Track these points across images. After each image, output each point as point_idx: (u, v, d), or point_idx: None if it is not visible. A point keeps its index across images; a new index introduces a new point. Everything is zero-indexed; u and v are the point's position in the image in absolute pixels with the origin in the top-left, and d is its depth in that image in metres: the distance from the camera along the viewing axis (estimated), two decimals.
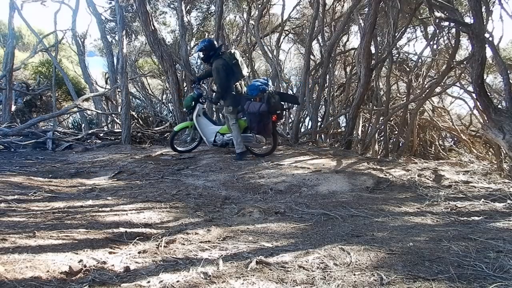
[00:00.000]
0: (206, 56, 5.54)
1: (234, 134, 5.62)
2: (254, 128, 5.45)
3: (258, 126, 5.40)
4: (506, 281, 1.74)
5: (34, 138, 7.02)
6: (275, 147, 5.92)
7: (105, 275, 1.92)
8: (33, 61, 13.25)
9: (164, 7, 13.43)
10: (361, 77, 6.83)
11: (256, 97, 5.35)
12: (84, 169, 5.09)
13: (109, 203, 3.44)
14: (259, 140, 5.72)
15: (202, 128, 5.95)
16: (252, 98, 5.37)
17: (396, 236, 2.50)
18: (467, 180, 4.40)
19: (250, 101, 5.37)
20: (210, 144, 5.99)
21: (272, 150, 5.88)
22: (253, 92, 5.38)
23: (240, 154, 5.58)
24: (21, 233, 2.44)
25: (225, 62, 5.38)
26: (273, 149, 5.89)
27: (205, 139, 5.97)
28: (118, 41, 8.53)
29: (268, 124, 5.44)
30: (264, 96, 5.34)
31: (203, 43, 5.56)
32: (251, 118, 5.37)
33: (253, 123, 5.39)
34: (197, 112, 5.93)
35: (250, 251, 2.24)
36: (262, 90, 5.36)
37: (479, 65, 4.50)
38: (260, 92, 5.35)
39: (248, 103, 5.36)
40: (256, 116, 5.32)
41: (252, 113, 5.32)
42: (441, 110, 10.98)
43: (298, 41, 14.08)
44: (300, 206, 3.48)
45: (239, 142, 5.58)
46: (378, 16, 6.64)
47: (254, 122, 5.37)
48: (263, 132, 5.54)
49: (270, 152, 5.86)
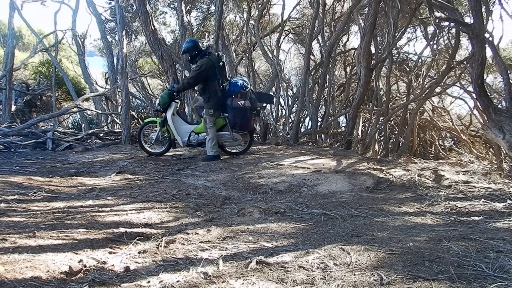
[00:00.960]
0: (191, 57, 5.51)
1: (209, 137, 5.52)
2: (237, 123, 5.45)
3: (241, 121, 5.43)
4: (506, 281, 1.74)
5: (34, 138, 7.02)
6: (250, 145, 5.93)
7: (105, 275, 1.92)
8: (33, 61, 13.24)
9: (164, 7, 13.45)
10: (361, 77, 6.83)
11: (238, 94, 5.39)
12: (84, 169, 5.09)
13: (109, 203, 3.44)
14: (236, 137, 5.71)
15: (177, 127, 5.76)
16: (234, 95, 5.40)
17: (396, 236, 2.50)
18: (467, 180, 4.40)
19: (232, 97, 5.40)
20: (184, 144, 5.84)
21: (246, 148, 5.89)
22: (235, 89, 5.42)
23: (211, 157, 5.50)
24: (21, 233, 2.44)
25: (211, 62, 5.33)
26: (248, 147, 5.90)
27: (179, 138, 5.79)
28: (118, 41, 8.53)
29: (250, 119, 5.51)
30: (246, 93, 5.42)
31: (185, 45, 5.53)
32: (234, 114, 5.37)
33: (236, 118, 5.40)
34: (172, 110, 5.74)
35: (250, 251, 2.24)
36: (244, 87, 5.44)
37: (479, 65, 4.50)
38: (242, 89, 5.42)
39: (230, 99, 5.39)
40: (241, 111, 5.35)
41: (236, 108, 5.33)
42: (441, 110, 10.97)
43: (298, 41, 14.08)
44: (300, 206, 3.48)
45: (213, 146, 5.51)
46: (378, 16, 6.64)
47: (238, 117, 5.38)
48: (246, 127, 5.59)
49: (245, 150, 5.87)
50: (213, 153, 5.51)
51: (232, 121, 5.46)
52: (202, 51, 5.44)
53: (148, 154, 5.98)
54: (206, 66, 5.30)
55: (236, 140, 5.74)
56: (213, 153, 5.51)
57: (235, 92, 5.40)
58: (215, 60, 5.38)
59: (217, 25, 8.02)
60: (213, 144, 5.51)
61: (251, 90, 5.58)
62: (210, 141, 5.52)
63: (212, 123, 5.51)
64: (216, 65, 5.36)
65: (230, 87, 5.49)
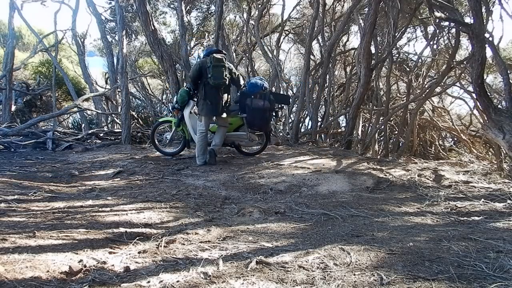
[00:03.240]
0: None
1: (197, 145, 5.32)
2: (256, 124, 5.40)
3: (260, 122, 5.38)
4: (506, 281, 1.74)
5: (34, 138, 7.01)
6: (265, 146, 5.88)
7: (105, 275, 1.92)
8: (33, 61, 13.24)
9: (164, 7, 13.46)
10: (361, 77, 6.83)
11: (257, 94, 5.35)
12: (84, 169, 5.09)
13: (109, 203, 3.44)
14: (252, 138, 5.69)
15: (194, 126, 5.64)
16: (253, 95, 5.35)
17: (396, 236, 2.50)
18: (467, 180, 4.40)
19: (251, 97, 5.34)
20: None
21: (262, 149, 5.86)
22: (254, 89, 5.36)
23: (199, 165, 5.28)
24: (21, 233, 2.44)
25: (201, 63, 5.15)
26: (263, 148, 5.87)
27: (195, 137, 5.65)
28: (118, 41, 8.53)
29: (269, 120, 5.45)
30: (265, 93, 5.36)
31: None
32: (254, 114, 5.31)
33: (255, 119, 5.34)
34: (190, 108, 5.61)
35: (250, 251, 2.24)
36: (263, 87, 5.39)
37: (479, 65, 4.50)
38: (261, 89, 5.36)
39: (250, 99, 5.33)
40: (260, 112, 5.29)
41: (256, 108, 5.28)
42: (441, 110, 10.97)
43: (298, 41, 14.09)
44: (300, 206, 3.48)
45: (201, 154, 5.29)
46: (378, 16, 6.64)
47: (257, 117, 5.32)
48: (264, 128, 5.55)
49: (260, 151, 5.84)
50: (201, 162, 5.29)
51: (250, 121, 5.41)
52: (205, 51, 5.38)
53: (164, 155, 5.89)
54: (194, 67, 5.23)
55: (252, 141, 5.72)
56: (201, 162, 5.29)
57: (254, 93, 5.35)
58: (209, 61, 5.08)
59: (217, 25, 8.02)
60: (201, 152, 5.29)
61: (270, 91, 5.55)
62: (197, 150, 5.31)
63: (202, 128, 5.28)
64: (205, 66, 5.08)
65: (249, 87, 5.43)
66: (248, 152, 5.87)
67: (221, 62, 5.11)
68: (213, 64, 5.04)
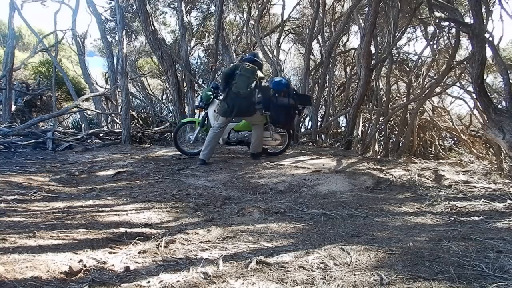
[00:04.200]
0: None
1: (206, 140, 5.32)
2: (281, 121, 5.42)
3: (285, 119, 5.43)
4: (506, 281, 1.74)
5: (34, 138, 7.02)
6: (288, 145, 5.88)
7: (105, 275, 1.91)
8: (33, 61, 13.23)
9: (164, 7, 13.46)
10: (361, 77, 6.84)
11: (281, 92, 5.38)
12: (84, 169, 5.09)
13: (109, 203, 3.44)
14: (275, 138, 5.70)
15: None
16: (277, 93, 5.38)
17: (396, 236, 2.50)
18: (467, 180, 4.40)
19: (275, 95, 5.38)
20: (223, 141, 5.75)
21: (285, 148, 5.85)
22: (280, 87, 5.40)
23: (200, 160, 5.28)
24: (21, 233, 2.43)
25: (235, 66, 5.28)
26: (286, 147, 5.85)
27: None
28: (118, 41, 8.53)
29: (293, 118, 5.52)
30: (290, 92, 5.42)
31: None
32: (279, 112, 5.35)
33: (280, 116, 5.38)
34: (214, 107, 5.64)
35: (250, 251, 2.24)
36: (287, 85, 5.44)
37: (479, 65, 4.50)
38: (286, 88, 5.41)
39: (275, 97, 5.38)
40: (285, 109, 5.33)
41: (282, 106, 5.31)
42: (441, 110, 10.98)
43: (298, 41, 14.09)
44: (300, 206, 3.48)
45: (206, 151, 5.27)
46: (378, 16, 6.64)
47: (282, 115, 5.35)
48: (289, 125, 5.62)
49: (283, 150, 5.80)
50: (204, 157, 5.27)
51: (276, 118, 5.43)
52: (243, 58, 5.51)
53: (187, 156, 5.80)
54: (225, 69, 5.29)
55: (275, 140, 5.74)
56: (204, 157, 5.27)
57: (280, 91, 5.38)
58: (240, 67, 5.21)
59: (217, 25, 8.03)
60: (210, 148, 5.29)
61: (293, 89, 5.60)
62: (206, 144, 5.29)
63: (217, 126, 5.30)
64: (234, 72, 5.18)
65: (274, 85, 5.47)
66: (272, 152, 5.85)
67: (248, 73, 5.17)
68: (241, 72, 5.15)
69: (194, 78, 10.44)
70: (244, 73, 5.15)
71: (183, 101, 8.83)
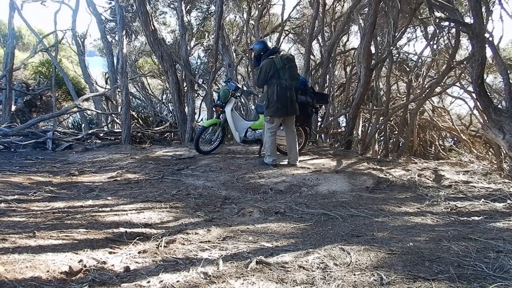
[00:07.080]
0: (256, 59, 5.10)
1: (266, 145, 5.11)
2: (298, 118, 5.28)
3: (303, 117, 5.38)
4: (506, 281, 1.74)
5: (34, 138, 7.02)
6: (305, 144, 5.86)
7: (105, 275, 1.91)
8: (33, 61, 13.24)
9: (164, 7, 13.44)
10: (361, 77, 6.83)
11: (299, 90, 5.32)
12: (84, 169, 5.09)
13: (109, 203, 3.44)
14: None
15: (236, 123, 5.65)
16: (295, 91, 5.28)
17: (396, 236, 2.50)
18: (467, 180, 4.40)
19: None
20: (240, 139, 5.74)
21: (302, 147, 5.83)
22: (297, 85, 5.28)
23: (266, 164, 5.10)
24: (21, 233, 2.44)
25: (269, 64, 4.80)
26: (303, 146, 5.82)
27: (236, 134, 5.71)
28: (118, 41, 8.53)
29: (311, 116, 5.48)
30: (307, 90, 5.38)
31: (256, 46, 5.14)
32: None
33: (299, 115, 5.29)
34: (232, 106, 5.65)
35: (250, 251, 2.24)
36: (305, 83, 5.41)
37: (479, 65, 4.50)
38: (303, 86, 5.39)
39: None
40: (303, 107, 5.27)
41: (299, 104, 5.19)
42: (441, 110, 10.97)
43: (298, 41, 14.09)
44: (300, 206, 3.48)
45: (270, 154, 5.06)
46: (378, 16, 6.64)
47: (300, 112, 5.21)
48: (306, 123, 5.60)
49: (301, 149, 5.72)
50: (270, 161, 5.07)
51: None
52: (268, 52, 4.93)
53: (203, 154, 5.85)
54: (265, 67, 4.80)
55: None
56: (270, 161, 5.07)
57: (297, 89, 5.27)
58: (278, 62, 4.80)
59: (217, 25, 8.02)
60: (270, 152, 5.06)
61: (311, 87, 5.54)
62: (267, 150, 5.12)
63: (270, 129, 5.01)
64: (278, 67, 4.78)
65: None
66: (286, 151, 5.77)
67: (293, 62, 4.94)
68: (288, 64, 4.82)
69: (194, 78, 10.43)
70: (290, 64, 4.84)
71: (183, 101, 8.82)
